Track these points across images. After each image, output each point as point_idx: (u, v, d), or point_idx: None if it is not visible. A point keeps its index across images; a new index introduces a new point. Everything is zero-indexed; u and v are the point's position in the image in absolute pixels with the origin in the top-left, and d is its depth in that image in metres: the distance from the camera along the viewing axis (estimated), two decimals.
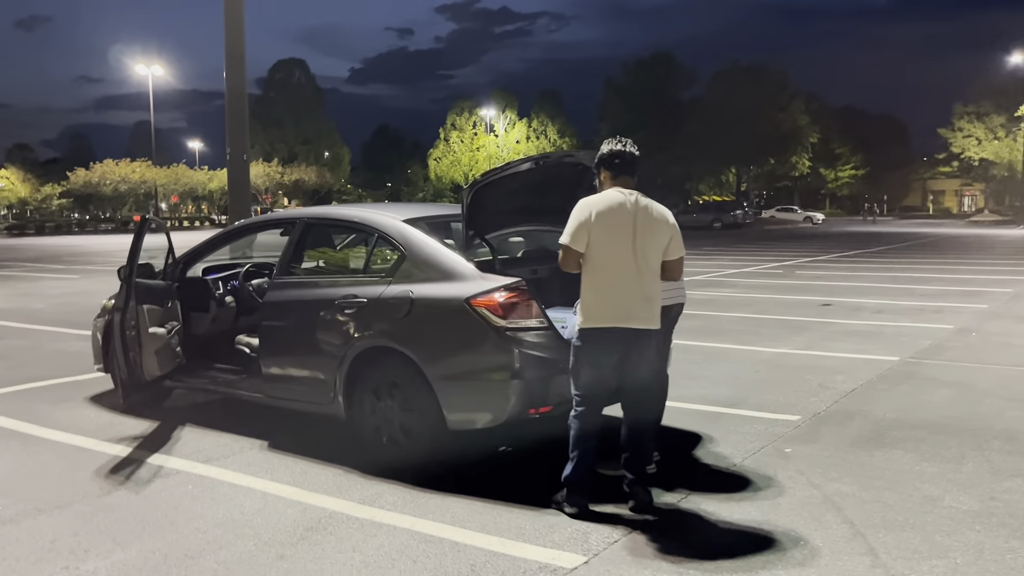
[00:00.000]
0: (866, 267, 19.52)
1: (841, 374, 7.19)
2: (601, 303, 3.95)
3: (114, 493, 4.44)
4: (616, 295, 3.94)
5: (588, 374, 4.01)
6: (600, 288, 3.95)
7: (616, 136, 4.19)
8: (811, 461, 4.79)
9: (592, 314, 3.96)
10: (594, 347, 3.97)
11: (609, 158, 4.11)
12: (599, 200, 3.98)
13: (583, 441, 4.04)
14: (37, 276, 19.63)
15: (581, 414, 4.04)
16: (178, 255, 6.14)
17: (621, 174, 4.10)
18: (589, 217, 3.92)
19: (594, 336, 3.96)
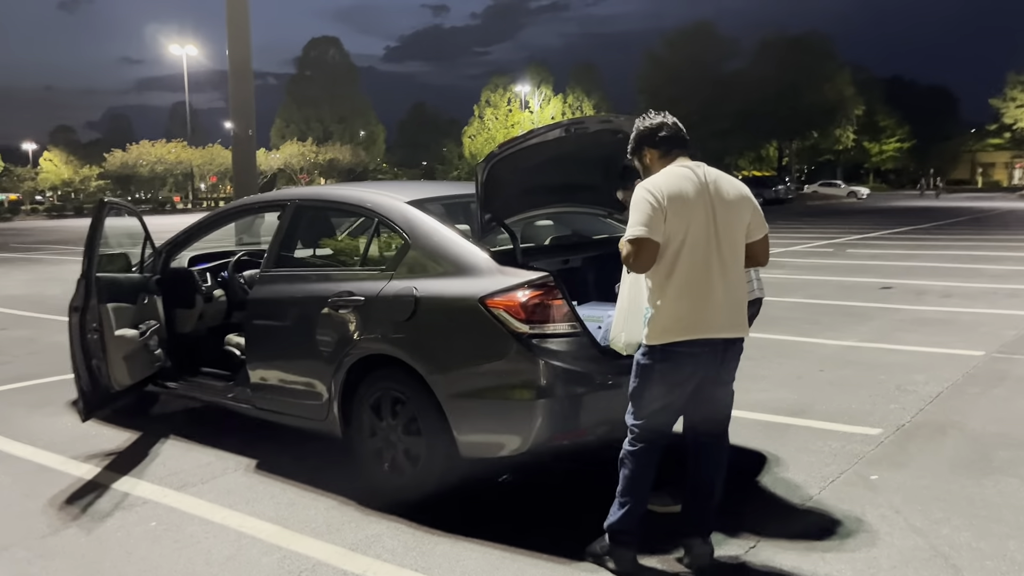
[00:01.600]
0: (922, 245, 18.30)
1: (920, 373, 6.25)
2: (682, 309, 3.07)
3: (63, 532, 3.72)
4: (700, 297, 3.08)
5: (658, 401, 3.15)
6: (679, 291, 3.07)
7: (650, 111, 3.30)
8: (906, 493, 3.90)
9: (670, 324, 3.08)
10: (670, 367, 3.11)
11: (651, 134, 3.23)
12: (666, 180, 3.10)
13: (639, 484, 3.20)
14: (64, 260, 19.23)
15: (641, 451, 3.19)
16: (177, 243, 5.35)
17: (674, 148, 3.22)
18: (662, 200, 3.03)
19: (671, 353, 3.09)
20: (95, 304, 4.54)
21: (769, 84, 58.29)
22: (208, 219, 5.23)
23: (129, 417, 5.41)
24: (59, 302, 11.14)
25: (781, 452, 4.53)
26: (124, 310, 4.76)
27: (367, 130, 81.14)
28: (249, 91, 10.27)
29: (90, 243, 4.57)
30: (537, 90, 72.43)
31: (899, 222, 27.30)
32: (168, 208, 61.04)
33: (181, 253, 5.48)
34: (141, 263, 5.27)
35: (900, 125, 76.88)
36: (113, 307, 4.64)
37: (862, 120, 66.91)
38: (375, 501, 3.91)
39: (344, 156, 69.04)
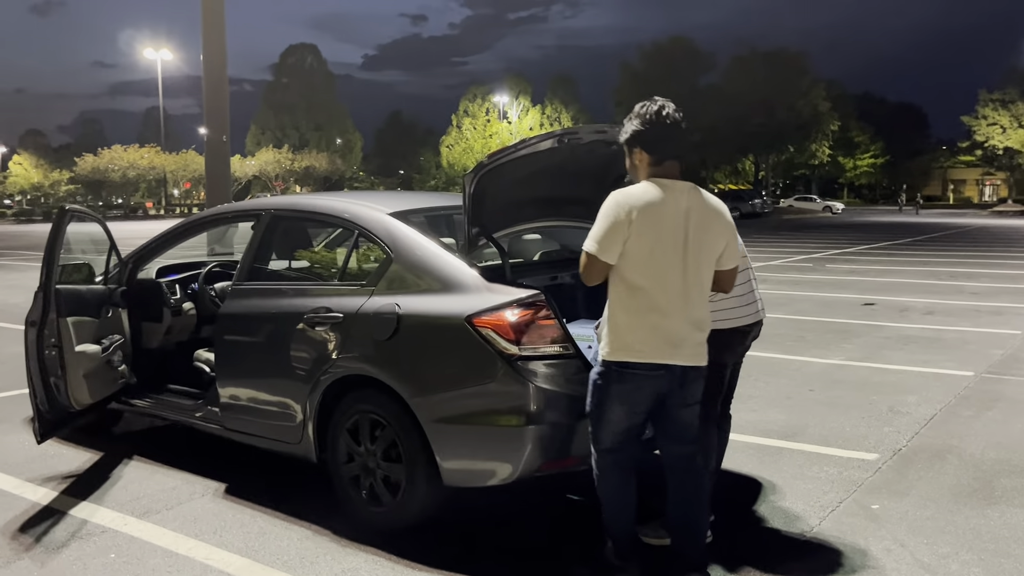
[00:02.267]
0: (900, 260, 18.35)
1: (912, 394, 6.12)
2: (638, 330, 2.93)
3: (14, 564, 3.44)
4: (659, 320, 2.92)
5: (617, 420, 3.01)
6: (638, 310, 2.92)
7: (652, 98, 3.05)
8: (909, 524, 3.73)
9: (625, 344, 2.94)
10: (628, 388, 2.97)
11: (647, 132, 2.99)
12: (641, 195, 2.92)
13: (619, 511, 3.06)
14: (30, 266, 18.74)
15: (610, 474, 3.06)
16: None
17: (667, 157, 3.00)
18: (627, 217, 2.86)
19: (627, 374, 2.95)
20: (54, 318, 4.25)
21: (743, 98, 58.75)
22: (178, 228, 4.97)
23: (90, 436, 5.13)
24: (21, 311, 10.70)
25: (776, 478, 4.35)
26: (86, 324, 4.48)
27: (344, 138, 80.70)
28: (224, 96, 9.98)
29: (49, 253, 4.28)
30: (515, 101, 72.48)
31: (875, 237, 27.46)
32: (140, 214, 60.20)
33: (149, 263, 5.21)
34: (106, 274, 4.99)
35: (873, 141, 77.80)
36: (74, 321, 4.35)
37: (836, 135, 67.58)
38: (352, 531, 3.67)
39: (320, 164, 68.51)
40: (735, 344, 3.53)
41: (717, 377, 3.50)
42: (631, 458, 3.10)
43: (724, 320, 3.43)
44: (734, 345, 3.53)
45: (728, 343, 3.47)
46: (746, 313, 3.51)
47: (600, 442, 3.07)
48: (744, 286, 3.51)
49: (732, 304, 3.46)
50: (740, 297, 3.49)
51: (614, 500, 3.09)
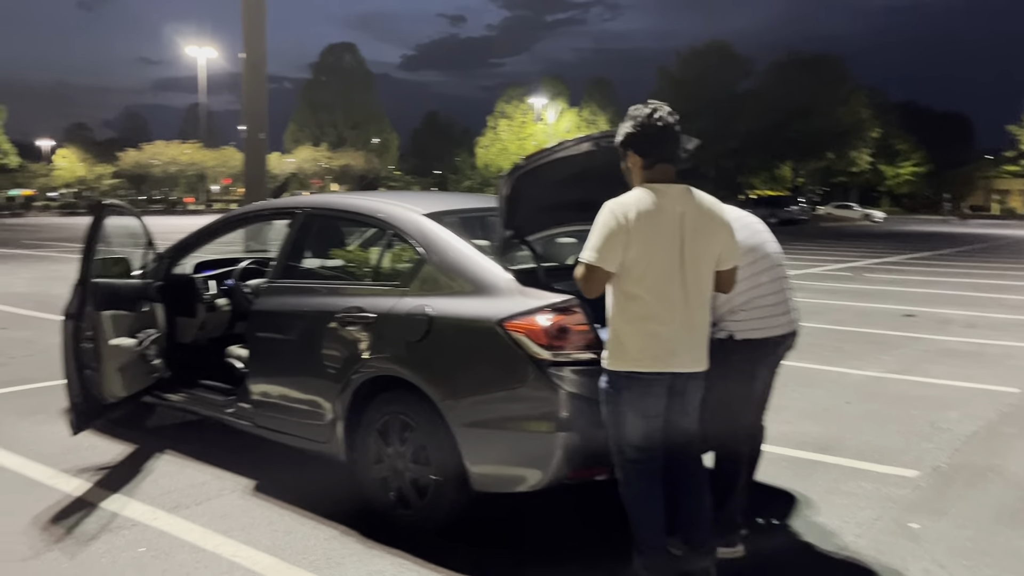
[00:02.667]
0: (941, 271, 17.98)
1: (953, 409, 5.96)
2: (637, 337, 2.93)
3: (44, 555, 3.47)
4: (657, 327, 2.92)
5: (633, 427, 3.00)
6: (636, 318, 2.92)
7: (646, 102, 3.06)
8: (950, 546, 3.62)
9: (625, 352, 2.94)
10: (637, 394, 2.97)
11: (638, 135, 3.00)
12: (636, 203, 2.92)
13: (648, 516, 3.02)
14: (71, 257, 19.09)
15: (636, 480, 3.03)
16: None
17: (658, 160, 3.01)
18: (625, 224, 2.88)
19: (635, 380, 2.95)
20: (90, 311, 4.30)
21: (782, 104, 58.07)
22: (215, 224, 5.00)
23: (124, 429, 5.18)
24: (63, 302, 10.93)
25: (811, 492, 4.26)
26: (122, 318, 4.52)
27: (381, 137, 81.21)
28: (263, 94, 10.07)
29: (87, 247, 4.33)
30: (552, 103, 72.36)
31: (916, 247, 26.98)
32: (180, 209, 61.13)
33: (185, 259, 5.25)
34: (143, 268, 5.03)
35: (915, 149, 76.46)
36: (110, 315, 4.40)
37: (877, 143, 66.52)
38: (379, 533, 3.65)
39: (357, 162, 69.01)
40: (767, 354, 3.45)
41: (747, 387, 3.43)
42: (656, 463, 3.06)
43: (755, 329, 3.36)
44: (766, 355, 3.44)
45: (759, 353, 3.40)
46: (779, 323, 3.42)
47: (622, 452, 3.03)
48: (777, 295, 3.43)
49: (764, 313, 3.37)
50: (773, 306, 3.40)
51: (641, 510, 3.05)
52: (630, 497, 3.06)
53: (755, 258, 3.40)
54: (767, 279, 3.41)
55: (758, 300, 3.36)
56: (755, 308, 3.35)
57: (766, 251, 3.46)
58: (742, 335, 3.34)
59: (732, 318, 3.36)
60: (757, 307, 3.36)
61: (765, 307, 3.37)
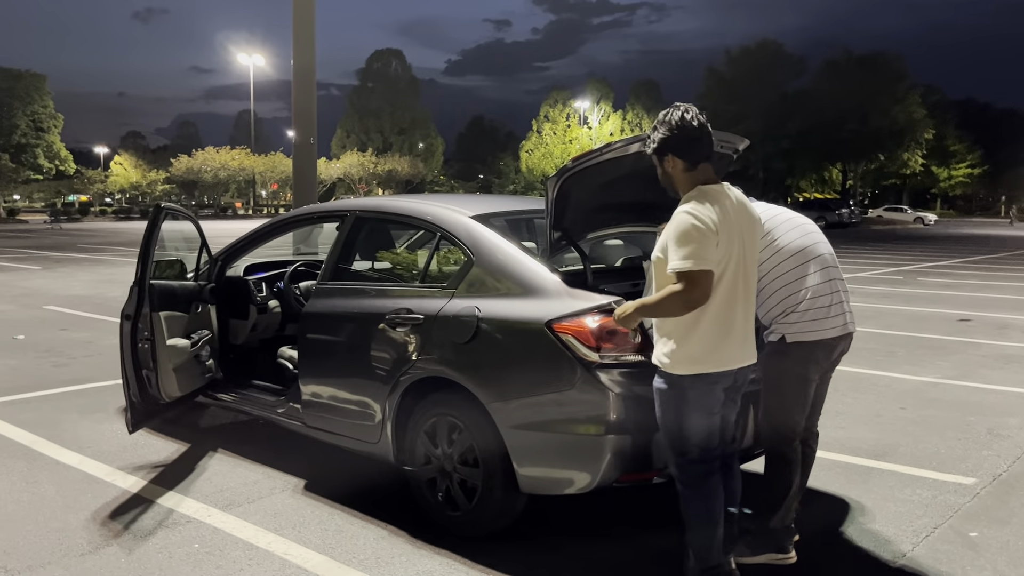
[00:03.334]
0: (997, 275, 17.50)
1: (1013, 416, 5.79)
2: (713, 341, 2.91)
3: (103, 550, 3.56)
4: (728, 329, 2.94)
5: (697, 427, 2.97)
6: (712, 322, 2.90)
7: (674, 105, 3.03)
8: (1011, 556, 3.51)
9: (700, 356, 2.91)
10: (701, 393, 2.94)
11: (680, 138, 2.95)
12: (712, 204, 2.90)
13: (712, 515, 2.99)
14: (127, 261, 19.58)
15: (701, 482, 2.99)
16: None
17: (701, 161, 2.99)
18: (713, 227, 2.84)
19: (700, 380, 2.93)
20: (147, 312, 4.40)
21: (835, 104, 57.09)
22: (266, 227, 5.09)
23: (178, 428, 5.29)
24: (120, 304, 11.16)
25: (865, 500, 4.17)
26: (177, 319, 4.62)
27: (426, 142, 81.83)
28: (312, 100, 10.22)
29: (145, 249, 4.44)
30: (596, 106, 72.14)
31: (970, 250, 26.30)
32: (230, 213, 62.33)
33: (237, 261, 5.34)
34: (196, 270, 5.14)
35: (971, 150, 74.57)
36: (166, 316, 4.50)
37: (931, 144, 65.03)
38: (427, 533, 3.67)
39: (403, 167, 69.61)
40: (820, 357, 3.38)
41: (802, 392, 3.37)
42: (718, 462, 3.04)
43: (808, 332, 3.30)
44: (819, 358, 3.37)
45: (812, 356, 3.33)
46: (832, 325, 3.35)
47: (686, 453, 2.99)
48: (830, 296, 3.36)
49: (817, 315, 3.31)
50: (826, 308, 3.33)
51: (707, 512, 2.99)
52: (696, 500, 3.00)
53: (806, 259, 3.35)
54: (819, 280, 3.34)
55: (810, 302, 3.30)
56: (807, 310, 3.29)
57: (818, 252, 3.40)
58: (793, 337, 3.29)
59: (784, 320, 3.31)
60: (809, 309, 3.30)
61: (818, 309, 3.31)
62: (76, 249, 24.43)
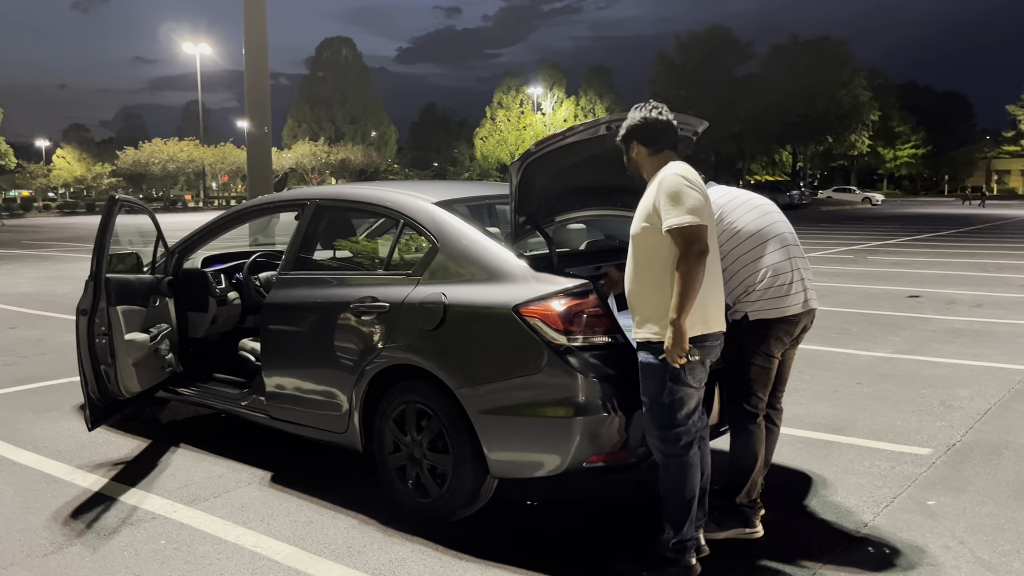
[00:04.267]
0: (943, 252, 17.97)
1: (964, 388, 5.97)
2: (707, 303, 3.05)
3: (67, 549, 3.48)
4: (717, 291, 3.14)
5: (689, 399, 3.06)
6: (709, 283, 3.04)
7: (649, 101, 3.29)
8: (968, 522, 3.63)
9: (696, 319, 3.00)
10: (694, 363, 3.02)
11: (643, 128, 3.19)
12: (693, 173, 3.11)
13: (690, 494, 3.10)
14: (74, 257, 19.10)
15: (684, 455, 3.09)
16: None
17: (664, 148, 3.21)
18: (701, 189, 3.06)
19: (699, 348, 3.03)
20: (104, 307, 4.30)
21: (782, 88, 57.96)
22: (223, 218, 5.00)
23: (138, 424, 5.20)
24: (69, 301, 10.96)
25: (827, 472, 4.27)
26: (134, 313, 4.53)
27: (379, 131, 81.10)
28: (265, 88, 10.04)
29: (100, 242, 4.33)
30: (549, 92, 72.23)
31: (917, 229, 26.96)
32: (179, 206, 61.12)
33: (194, 253, 5.25)
34: (153, 263, 5.04)
35: (915, 131, 76.35)
36: (123, 310, 4.40)
37: (877, 126, 66.40)
38: (398, 521, 3.67)
39: (356, 156, 68.93)
40: (781, 334, 3.44)
41: (764, 368, 3.43)
42: (698, 434, 3.15)
43: (769, 310, 3.36)
44: (780, 335, 3.43)
45: (774, 333, 3.39)
46: (794, 302, 3.41)
47: (676, 425, 3.05)
48: (792, 274, 3.42)
49: (778, 293, 3.37)
50: (787, 286, 3.39)
51: (686, 487, 3.07)
52: (676, 473, 3.07)
53: (764, 239, 3.41)
54: (778, 259, 3.40)
55: (771, 280, 3.36)
56: (768, 288, 3.36)
57: (777, 231, 3.46)
58: (755, 315, 3.35)
59: (746, 299, 3.37)
60: (770, 287, 3.36)
61: (778, 287, 3.37)
62: (20, 246, 23.74)
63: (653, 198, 3.04)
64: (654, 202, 3.02)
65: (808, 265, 3.57)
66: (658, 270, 3.00)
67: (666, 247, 2.97)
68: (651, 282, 3.02)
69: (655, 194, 3.03)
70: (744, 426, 3.47)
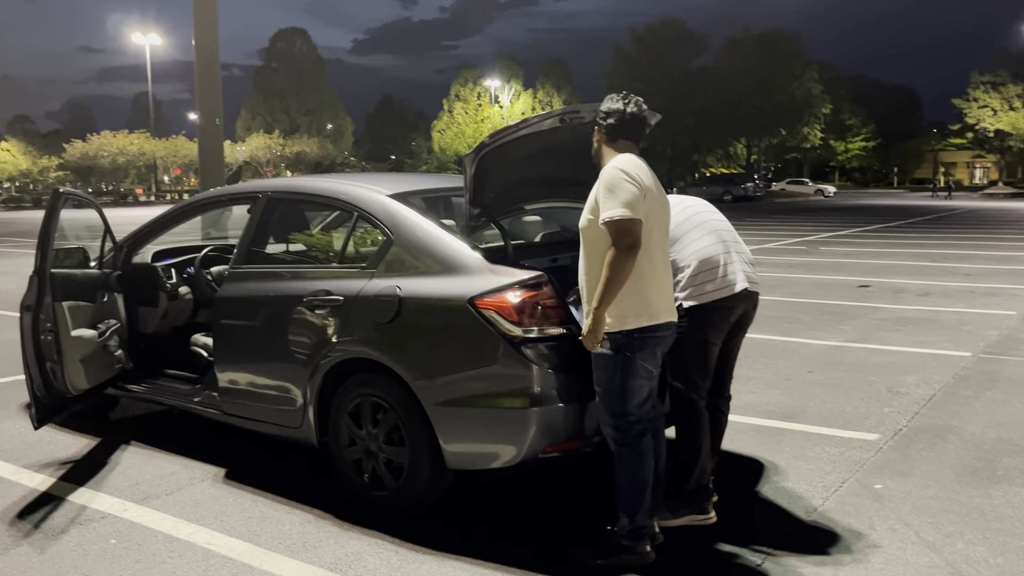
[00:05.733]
0: (893, 243, 18.38)
1: (910, 374, 6.12)
2: (653, 293, 3.07)
3: (13, 551, 3.40)
4: (664, 281, 3.15)
5: (639, 388, 3.09)
6: (650, 274, 3.07)
7: (623, 92, 3.32)
8: (914, 504, 3.73)
9: (642, 309, 3.04)
10: (645, 353, 3.06)
11: (630, 121, 3.21)
12: (635, 165, 3.10)
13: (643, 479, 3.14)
14: (18, 252, 18.61)
15: (636, 445, 3.12)
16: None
17: (619, 137, 3.24)
18: (639, 182, 3.03)
19: (646, 339, 3.05)
20: (49, 302, 4.19)
21: (736, 81, 58.68)
22: (174, 211, 4.91)
23: (86, 422, 5.09)
24: (13, 297, 10.63)
25: (778, 459, 4.35)
26: (81, 309, 4.42)
27: (335, 123, 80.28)
28: (216, 79, 9.85)
29: (44, 237, 4.22)
30: (507, 85, 72.16)
31: (867, 220, 27.51)
32: (131, 200, 59.89)
33: (144, 248, 5.14)
34: (100, 258, 4.93)
35: (865, 124, 77.79)
36: (69, 306, 4.30)
37: (828, 118, 67.53)
38: (355, 515, 3.65)
39: (311, 149, 68.16)
40: (716, 319, 3.48)
41: (702, 355, 3.47)
42: (652, 422, 3.18)
43: (700, 295, 3.42)
44: (715, 320, 3.48)
45: (708, 319, 3.45)
46: (725, 285, 3.46)
47: (628, 414, 3.08)
48: (723, 257, 3.49)
49: (707, 278, 3.44)
50: (716, 269, 3.46)
51: (639, 475, 3.11)
52: (630, 461, 3.10)
53: (688, 228, 3.55)
54: (703, 244, 3.49)
55: (699, 265, 3.45)
56: (696, 274, 3.45)
57: (700, 220, 3.58)
58: (688, 302, 3.42)
59: (678, 288, 3.43)
60: (699, 272, 3.45)
61: (707, 271, 3.45)
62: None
63: (595, 191, 3.08)
64: (595, 195, 3.06)
65: (744, 250, 3.64)
66: (602, 262, 3.01)
67: (606, 239, 3.00)
68: (598, 274, 3.04)
69: (596, 187, 3.08)
70: (685, 413, 3.51)
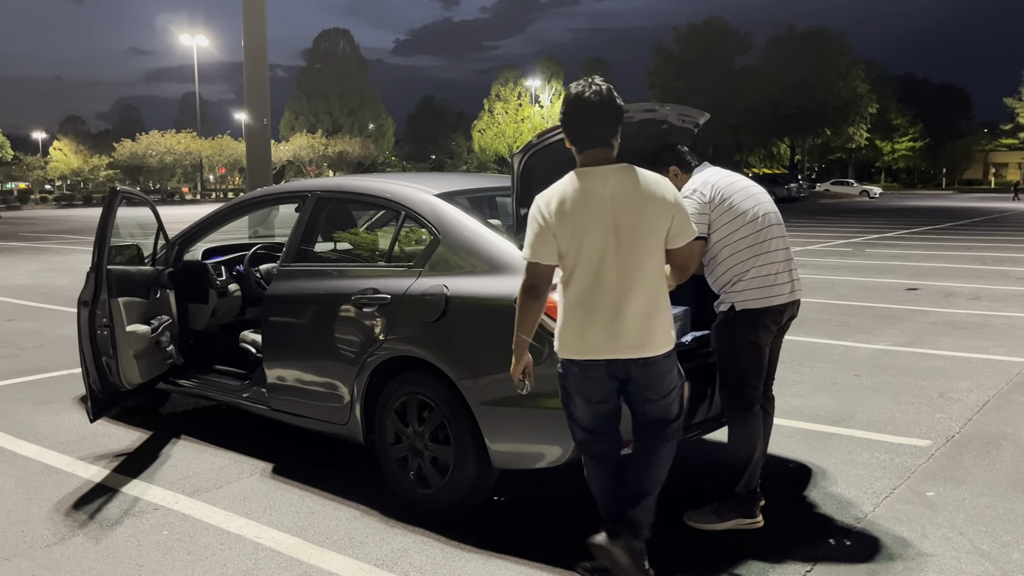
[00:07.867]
0: (941, 245, 17.99)
1: (962, 380, 5.99)
2: (576, 327, 2.84)
3: (69, 540, 3.49)
4: (594, 315, 2.81)
5: (580, 412, 2.95)
6: (574, 307, 2.84)
7: (585, 78, 2.93)
8: (968, 513, 3.65)
9: (568, 341, 2.87)
10: (577, 381, 2.90)
11: (564, 119, 2.94)
12: (558, 192, 2.86)
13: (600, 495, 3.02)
14: (71, 249, 19.09)
15: (585, 455, 3.04)
16: None
17: (590, 146, 2.88)
18: (548, 218, 2.81)
19: (572, 370, 2.89)
20: (106, 298, 4.30)
21: (780, 80, 57.93)
22: (223, 210, 4.99)
23: (139, 416, 5.20)
24: (68, 293, 10.96)
25: (826, 464, 4.29)
26: (136, 305, 4.53)
27: (376, 123, 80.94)
28: (264, 79, 10.02)
29: (101, 234, 4.33)
30: (548, 84, 72.12)
31: (915, 222, 26.97)
32: (177, 199, 61.07)
33: (195, 245, 5.24)
34: (154, 255, 5.04)
35: (912, 123, 76.28)
36: (124, 302, 4.40)
37: (874, 118, 66.37)
38: (400, 512, 3.68)
39: (353, 149, 68.77)
40: (769, 323, 3.44)
41: (756, 358, 3.44)
42: (604, 446, 3.00)
43: (757, 300, 3.37)
44: (768, 324, 3.44)
45: (761, 322, 3.40)
46: (780, 292, 3.42)
47: (572, 431, 3.02)
48: (779, 264, 3.44)
49: (765, 283, 3.38)
50: (774, 276, 3.41)
51: (594, 486, 3.04)
52: (586, 475, 3.05)
53: (757, 228, 3.42)
54: (767, 249, 3.42)
55: (758, 270, 3.38)
56: (755, 278, 3.38)
57: (769, 221, 3.48)
58: (742, 305, 3.37)
59: (732, 289, 3.39)
60: (756, 277, 3.38)
61: (764, 276, 3.39)
62: (18, 238, 23.72)
63: None
64: None
65: (792, 255, 3.59)
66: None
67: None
68: None
69: None
70: (741, 417, 3.48)
